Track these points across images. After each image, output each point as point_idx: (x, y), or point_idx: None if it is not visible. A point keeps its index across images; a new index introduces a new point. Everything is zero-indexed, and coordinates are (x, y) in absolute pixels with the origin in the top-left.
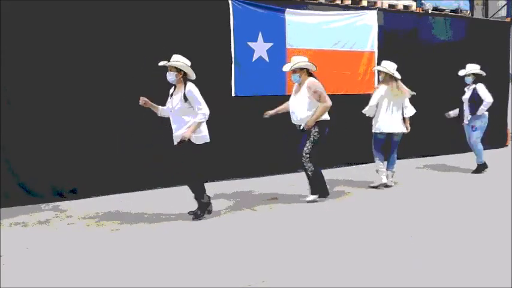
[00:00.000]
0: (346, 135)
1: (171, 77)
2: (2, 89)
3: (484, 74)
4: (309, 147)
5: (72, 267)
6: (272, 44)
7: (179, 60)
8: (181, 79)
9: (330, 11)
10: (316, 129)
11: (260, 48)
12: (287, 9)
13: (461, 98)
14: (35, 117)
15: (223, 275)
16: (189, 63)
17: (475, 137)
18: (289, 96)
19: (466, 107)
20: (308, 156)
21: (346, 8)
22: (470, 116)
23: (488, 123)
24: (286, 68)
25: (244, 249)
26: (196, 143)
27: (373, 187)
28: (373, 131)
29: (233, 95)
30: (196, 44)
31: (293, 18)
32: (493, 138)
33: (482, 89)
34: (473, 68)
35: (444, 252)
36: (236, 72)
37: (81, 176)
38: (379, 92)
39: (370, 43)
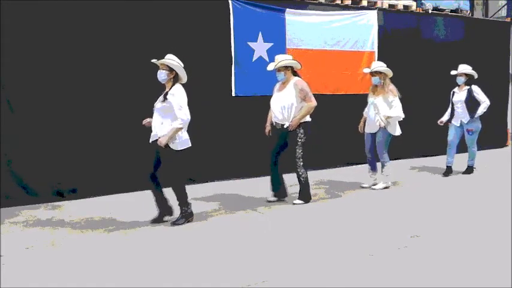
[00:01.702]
0: (346, 135)
1: (161, 75)
2: (2, 90)
3: (476, 75)
4: (299, 151)
5: (72, 267)
6: (272, 44)
7: (173, 60)
8: (172, 80)
9: (330, 11)
10: (301, 131)
11: (260, 48)
12: (287, 9)
13: (451, 99)
14: (35, 117)
15: (223, 275)
16: (181, 64)
17: (471, 141)
18: None
19: (460, 109)
20: (301, 161)
21: (346, 8)
22: (468, 119)
23: (482, 126)
24: (270, 67)
25: (244, 249)
26: (176, 149)
27: (377, 188)
28: (394, 133)
29: (233, 95)
30: (196, 44)
31: (293, 18)
32: (493, 138)
33: (479, 91)
34: (465, 68)
35: (444, 252)
36: (236, 72)
37: (81, 176)
38: (397, 93)
39: (370, 43)
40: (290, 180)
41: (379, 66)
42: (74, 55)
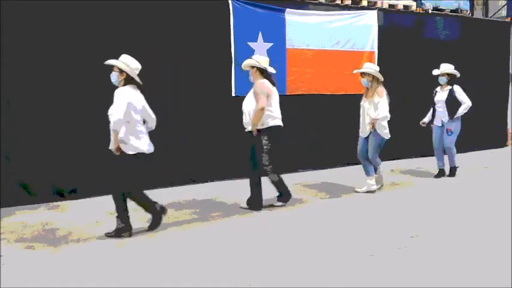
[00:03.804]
0: (346, 135)
1: (113, 77)
2: (2, 90)
3: (458, 74)
4: (266, 158)
5: (72, 267)
6: (272, 44)
7: (123, 61)
8: (123, 81)
9: (330, 11)
10: (266, 138)
11: (260, 48)
12: (287, 9)
13: (433, 99)
14: (35, 117)
15: (223, 275)
16: (136, 65)
17: (450, 142)
18: (289, 96)
19: (441, 109)
20: (270, 167)
21: (346, 8)
22: (447, 119)
23: (462, 127)
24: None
25: (245, 249)
26: (127, 152)
27: (370, 191)
28: (385, 137)
29: (233, 95)
30: (196, 44)
31: (293, 18)
32: (493, 138)
33: (461, 92)
34: (447, 68)
35: (444, 252)
36: (236, 72)
37: (81, 176)
38: (386, 94)
39: (370, 43)
40: (291, 179)
41: (368, 67)
42: (74, 55)
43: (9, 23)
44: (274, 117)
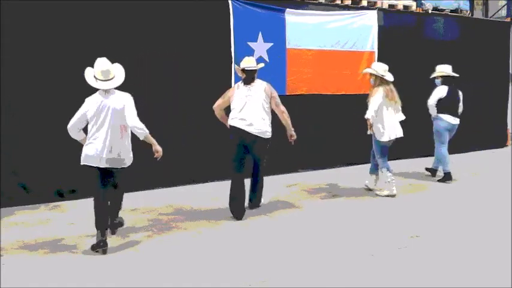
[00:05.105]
0: (346, 135)
1: None
2: (2, 90)
3: (455, 75)
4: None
5: (72, 267)
6: (272, 44)
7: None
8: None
9: (330, 11)
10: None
11: (260, 48)
12: (287, 9)
13: None
14: (35, 117)
15: (223, 275)
16: (96, 69)
17: (435, 140)
18: (290, 96)
19: None
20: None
21: (346, 8)
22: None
23: (458, 129)
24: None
25: (245, 249)
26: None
27: (382, 195)
28: (380, 139)
29: None
30: (196, 44)
31: (293, 18)
32: (493, 138)
33: (433, 92)
34: (440, 70)
35: (444, 252)
36: (236, 72)
37: (81, 176)
38: (379, 95)
39: (370, 43)
40: (292, 179)
41: (372, 67)
42: (74, 55)
43: (9, 23)
44: (231, 117)
